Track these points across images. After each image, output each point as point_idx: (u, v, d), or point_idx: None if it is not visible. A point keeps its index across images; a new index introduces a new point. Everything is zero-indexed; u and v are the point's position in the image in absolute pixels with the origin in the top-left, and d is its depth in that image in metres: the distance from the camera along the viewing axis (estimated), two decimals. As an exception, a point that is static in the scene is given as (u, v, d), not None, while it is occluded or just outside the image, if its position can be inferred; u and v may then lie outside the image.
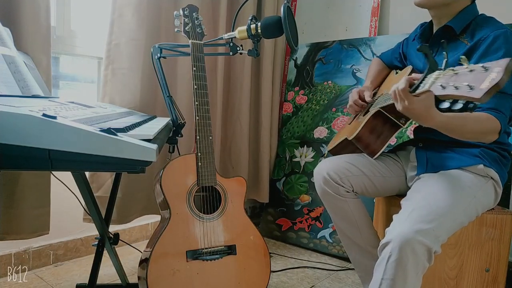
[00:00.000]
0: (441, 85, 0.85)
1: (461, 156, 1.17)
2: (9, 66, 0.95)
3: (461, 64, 0.83)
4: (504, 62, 0.75)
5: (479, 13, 1.21)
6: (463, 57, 0.88)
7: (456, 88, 0.81)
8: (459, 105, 0.80)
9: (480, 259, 1.20)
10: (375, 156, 1.25)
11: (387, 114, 1.21)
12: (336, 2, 2.34)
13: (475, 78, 0.78)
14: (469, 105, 0.79)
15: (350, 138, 1.28)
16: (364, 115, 1.31)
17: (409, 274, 0.95)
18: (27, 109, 0.56)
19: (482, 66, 0.79)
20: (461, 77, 0.81)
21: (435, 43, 1.25)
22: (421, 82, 0.92)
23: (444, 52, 0.94)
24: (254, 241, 1.36)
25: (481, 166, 1.14)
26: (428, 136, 1.28)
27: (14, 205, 1.37)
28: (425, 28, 1.32)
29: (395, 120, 1.20)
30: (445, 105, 0.84)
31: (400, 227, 0.97)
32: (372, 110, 1.25)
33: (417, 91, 0.92)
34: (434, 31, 1.27)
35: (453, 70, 0.86)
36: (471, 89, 0.77)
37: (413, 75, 0.99)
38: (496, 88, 0.75)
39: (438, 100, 0.87)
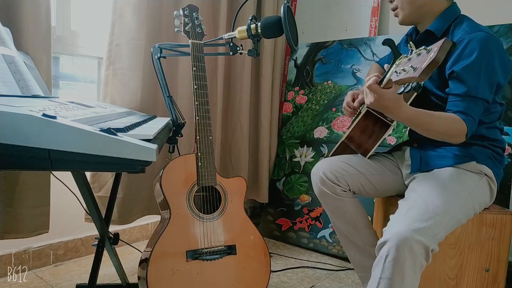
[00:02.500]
0: (396, 72, 0.94)
1: (454, 154, 1.18)
2: (9, 66, 0.95)
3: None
4: (440, 42, 0.83)
5: (460, 13, 1.23)
6: (411, 43, 0.95)
7: (405, 71, 0.89)
8: (408, 88, 0.88)
9: (480, 259, 1.20)
10: (368, 155, 1.28)
11: (375, 113, 1.24)
12: (336, 2, 2.34)
13: (420, 60, 0.86)
14: (414, 86, 0.87)
15: (342, 139, 1.32)
16: (357, 116, 1.33)
17: (407, 273, 0.95)
18: (27, 109, 0.56)
19: (425, 48, 0.88)
20: (411, 61, 0.90)
21: (418, 47, 1.28)
22: (386, 74, 0.99)
23: (410, 42, 1.02)
24: (254, 241, 1.36)
25: (474, 163, 1.16)
26: (421, 136, 1.29)
27: (14, 204, 1.37)
28: (411, 33, 1.37)
29: (383, 118, 1.23)
30: (400, 89, 0.92)
31: (397, 227, 0.98)
32: (363, 111, 1.28)
33: (383, 83, 0.99)
34: (417, 36, 1.30)
35: (406, 56, 0.95)
36: (414, 70, 0.85)
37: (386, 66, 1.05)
38: (433, 65, 0.82)
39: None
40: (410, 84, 0.88)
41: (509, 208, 1.61)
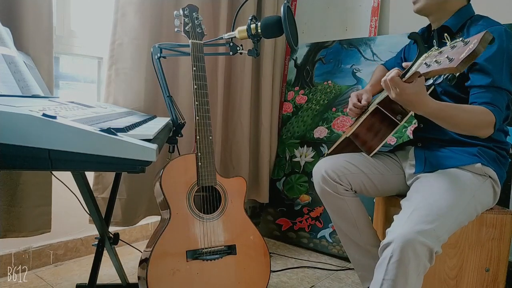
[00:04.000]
0: (425, 64, 0.91)
1: (459, 155, 1.17)
2: (9, 66, 0.95)
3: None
4: (481, 34, 0.81)
5: (475, 13, 1.23)
6: (446, 34, 0.94)
7: (438, 63, 0.86)
8: (439, 79, 0.86)
9: (480, 259, 1.20)
10: (372, 153, 1.27)
11: (384, 111, 1.23)
12: (336, 2, 2.34)
13: (456, 52, 0.84)
14: (448, 77, 0.84)
15: (348, 135, 1.30)
16: (363, 115, 1.32)
17: (410, 274, 0.95)
18: (27, 109, 0.56)
19: (462, 40, 0.85)
20: (444, 53, 0.87)
21: (431, 45, 1.27)
22: (411, 67, 0.97)
23: (435, 40, 1.00)
24: (254, 241, 1.36)
25: (479, 165, 1.14)
26: (426, 136, 1.29)
27: (15, 203, 1.37)
28: (424, 31, 1.36)
29: (392, 117, 1.22)
30: (429, 82, 0.90)
31: (401, 228, 0.97)
32: (371, 108, 1.27)
33: (407, 76, 0.97)
34: (432, 32, 1.29)
35: (437, 49, 0.92)
36: (450, 61, 0.83)
37: (404, 63, 1.03)
38: (472, 57, 0.80)
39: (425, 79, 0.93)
40: (443, 76, 0.85)
41: (509, 208, 1.61)
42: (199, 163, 1.28)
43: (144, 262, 1.22)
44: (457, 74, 0.85)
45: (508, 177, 1.59)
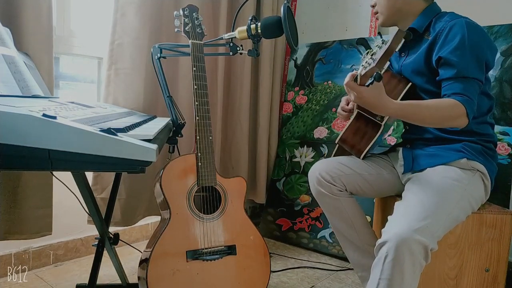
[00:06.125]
0: (363, 67, 0.99)
1: (445, 153, 1.19)
2: (9, 66, 0.95)
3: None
4: (395, 32, 0.90)
5: (441, 11, 1.25)
6: (378, 37, 1.01)
7: (369, 64, 0.95)
8: (371, 79, 0.94)
9: (480, 259, 1.20)
10: (362, 156, 1.31)
11: (364, 114, 1.26)
12: (336, 2, 2.34)
13: (379, 52, 0.92)
14: (375, 76, 0.92)
15: (336, 141, 1.35)
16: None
17: (406, 273, 0.96)
18: (27, 109, 0.56)
19: (382, 40, 0.95)
20: (375, 55, 0.96)
21: (404, 46, 1.31)
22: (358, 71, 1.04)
23: (376, 36, 1.08)
24: (254, 241, 1.36)
25: (465, 160, 1.16)
26: (412, 137, 1.33)
27: (17, 205, 1.37)
28: None
29: (372, 118, 1.25)
30: (368, 81, 0.97)
31: (395, 227, 0.98)
32: (354, 113, 1.31)
33: (357, 80, 1.03)
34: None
35: (371, 50, 1.02)
36: (373, 61, 0.91)
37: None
38: (388, 54, 0.89)
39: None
40: (373, 75, 0.92)
41: (509, 208, 1.61)
42: (199, 163, 1.28)
43: (144, 262, 1.22)
44: (382, 72, 0.93)
45: (508, 177, 1.59)
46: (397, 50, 0.97)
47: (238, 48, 1.39)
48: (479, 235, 1.20)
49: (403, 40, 0.95)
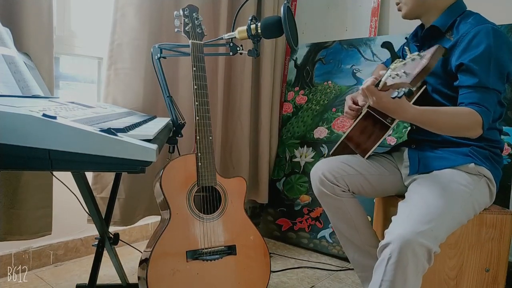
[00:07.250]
0: (390, 76, 0.93)
1: (452, 156, 1.18)
2: (9, 66, 0.95)
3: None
4: (433, 48, 0.83)
5: (466, 9, 1.22)
6: (406, 47, 0.94)
7: (399, 76, 0.89)
8: (401, 93, 0.87)
9: (480, 259, 1.20)
10: (366, 155, 1.28)
11: (375, 114, 1.24)
12: (336, 2, 2.34)
13: (413, 66, 0.86)
14: (406, 91, 0.86)
15: (342, 139, 1.32)
16: (357, 117, 1.34)
17: (409, 275, 0.95)
18: (27, 109, 0.56)
19: (418, 54, 0.87)
20: (406, 66, 0.89)
21: (424, 42, 1.29)
22: (382, 77, 0.99)
23: (406, 48, 1.01)
24: (254, 241, 1.36)
25: (472, 164, 1.15)
26: (419, 137, 1.30)
27: (16, 206, 1.37)
28: (417, 29, 1.35)
29: (382, 120, 1.23)
30: (394, 94, 0.90)
31: (399, 229, 0.97)
32: (363, 111, 1.29)
33: (380, 86, 0.99)
34: (423, 32, 1.29)
35: (401, 61, 0.94)
36: (406, 75, 0.85)
37: (380, 72, 1.04)
38: (425, 72, 0.82)
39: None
40: (403, 89, 0.87)
41: (509, 208, 1.61)
42: (199, 163, 1.28)
43: (144, 262, 1.22)
44: (414, 88, 0.86)
45: (508, 178, 1.59)
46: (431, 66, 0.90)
47: (238, 48, 1.39)
48: (479, 235, 1.20)
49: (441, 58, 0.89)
